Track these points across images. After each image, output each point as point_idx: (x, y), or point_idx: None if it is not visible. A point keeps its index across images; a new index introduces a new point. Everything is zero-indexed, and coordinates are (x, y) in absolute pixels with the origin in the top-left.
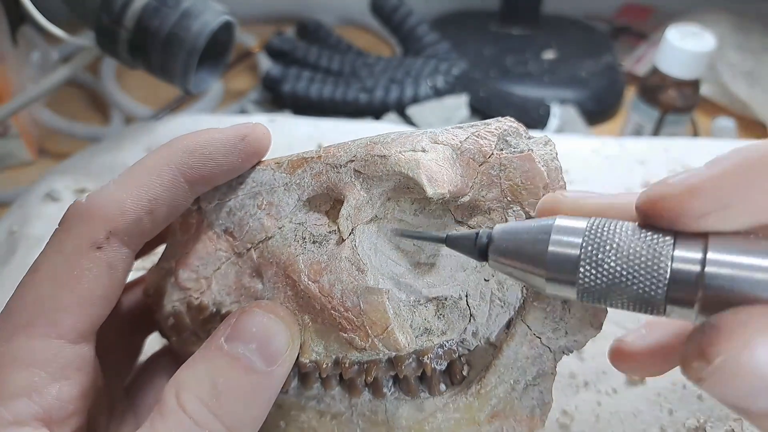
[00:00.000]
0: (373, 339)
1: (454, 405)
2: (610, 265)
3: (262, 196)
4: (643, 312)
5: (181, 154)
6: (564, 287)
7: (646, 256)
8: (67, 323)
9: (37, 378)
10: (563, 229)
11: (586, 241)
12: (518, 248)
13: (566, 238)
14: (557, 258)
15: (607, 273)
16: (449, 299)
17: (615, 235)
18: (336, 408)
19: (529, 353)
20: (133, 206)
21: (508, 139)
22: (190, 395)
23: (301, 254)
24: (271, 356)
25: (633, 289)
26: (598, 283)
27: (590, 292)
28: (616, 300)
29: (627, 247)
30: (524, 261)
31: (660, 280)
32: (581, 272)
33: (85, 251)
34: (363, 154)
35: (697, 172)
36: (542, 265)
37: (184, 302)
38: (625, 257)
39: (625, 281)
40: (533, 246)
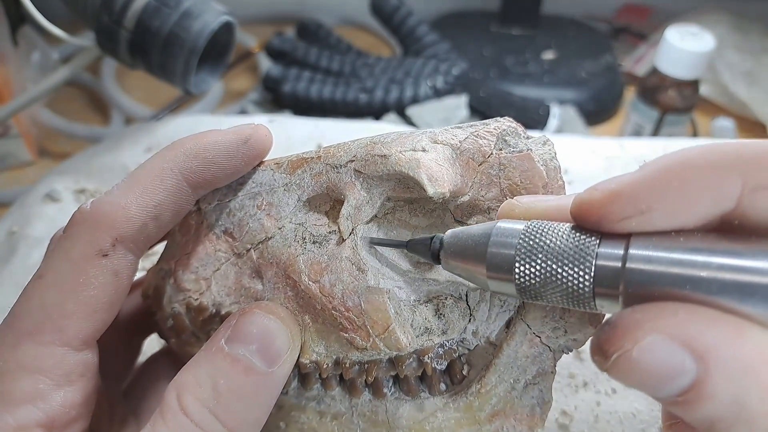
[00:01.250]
0: (374, 339)
1: (455, 404)
2: (540, 263)
3: (261, 197)
4: (576, 307)
5: (184, 158)
6: (504, 284)
7: (574, 255)
8: (72, 330)
9: (42, 385)
10: (503, 231)
11: (522, 241)
12: (463, 250)
13: (505, 239)
14: (495, 257)
15: (538, 270)
16: (449, 299)
17: (547, 235)
18: (336, 408)
19: (529, 352)
20: (139, 212)
21: (507, 139)
22: (192, 397)
23: (301, 254)
24: (272, 357)
25: (563, 285)
26: (532, 280)
27: (526, 289)
28: (549, 296)
29: (557, 247)
30: (468, 261)
31: (586, 276)
32: (516, 270)
33: (91, 259)
34: (363, 154)
35: (622, 178)
36: (483, 264)
37: (184, 303)
38: (554, 255)
39: (556, 278)
40: (476, 247)
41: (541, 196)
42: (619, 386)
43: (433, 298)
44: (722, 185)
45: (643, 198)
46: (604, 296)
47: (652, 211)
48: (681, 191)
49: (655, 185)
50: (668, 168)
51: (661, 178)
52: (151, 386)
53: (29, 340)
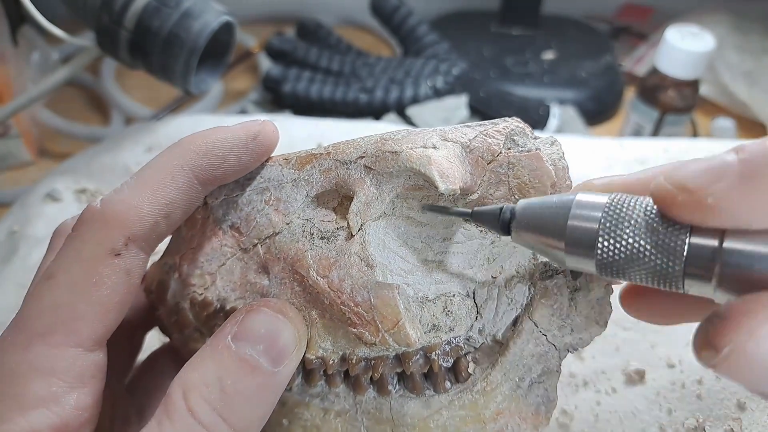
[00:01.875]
0: (383, 334)
1: (460, 402)
2: (627, 239)
3: (269, 192)
4: (661, 286)
5: (194, 156)
6: (583, 260)
7: (664, 232)
8: (85, 332)
9: (55, 387)
10: (584, 204)
11: (606, 215)
12: (539, 222)
13: (586, 212)
14: (576, 231)
15: (624, 247)
16: (457, 296)
17: (634, 210)
18: (340, 405)
19: (535, 351)
20: (151, 211)
21: (515, 139)
22: (199, 398)
23: (309, 250)
24: (278, 357)
25: (651, 263)
26: (616, 256)
27: (608, 265)
28: (634, 274)
29: (645, 223)
30: (545, 234)
31: (677, 254)
32: (599, 245)
33: (103, 258)
34: (373, 150)
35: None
36: (562, 239)
37: (188, 298)
38: (643, 232)
39: (643, 255)
40: (554, 220)
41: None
42: (619, 385)
43: (440, 295)
44: None
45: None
46: (695, 276)
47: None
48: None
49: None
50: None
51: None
52: (154, 382)
53: (41, 342)
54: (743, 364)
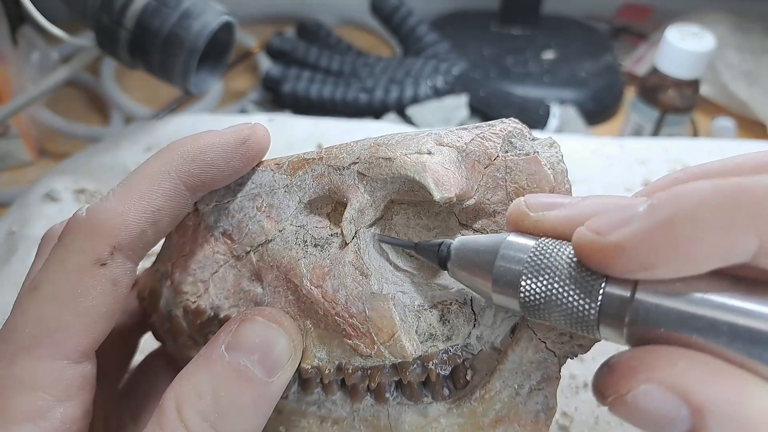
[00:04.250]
0: (379, 346)
1: (458, 410)
2: (547, 283)
3: (261, 198)
4: (579, 332)
5: (182, 161)
6: (508, 299)
7: (583, 279)
8: (71, 343)
9: (41, 402)
10: (512, 245)
11: (531, 258)
12: (472, 260)
13: (513, 253)
14: (502, 271)
15: (544, 290)
16: (454, 304)
17: (557, 256)
18: (337, 413)
19: (534, 358)
20: (137, 219)
21: (512, 141)
22: (192, 409)
23: (302, 258)
24: (273, 367)
25: (569, 309)
26: (537, 299)
27: (531, 306)
28: (553, 317)
29: (566, 269)
30: (475, 273)
31: (592, 302)
32: (522, 286)
33: (88, 268)
34: (367, 156)
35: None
36: (489, 278)
37: (181, 306)
38: (563, 278)
39: (562, 300)
40: (483, 259)
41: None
42: None
43: (437, 304)
44: (735, 244)
45: (647, 255)
46: (609, 326)
47: (656, 268)
48: (689, 250)
49: (660, 241)
50: (675, 220)
51: (666, 233)
52: (149, 386)
53: (26, 355)
54: (624, 412)
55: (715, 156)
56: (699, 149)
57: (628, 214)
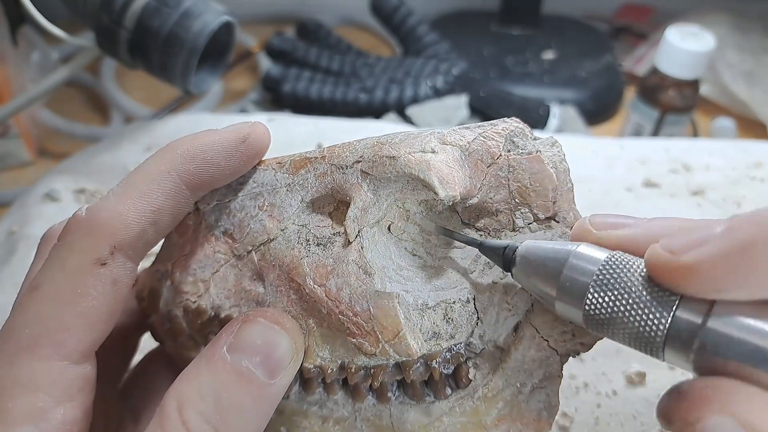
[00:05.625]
0: (383, 344)
1: (461, 409)
2: (615, 298)
3: (263, 197)
4: (642, 351)
5: (182, 161)
6: (571, 309)
7: (653, 299)
8: (71, 344)
9: (41, 403)
10: (583, 256)
11: (601, 271)
12: (538, 265)
13: (583, 264)
14: (569, 281)
15: (611, 304)
16: (457, 302)
17: (629, 272)
18: (339, 413)
19: (537, 356)
20: (137, 219)
21: (515, 140)
22: (193, 411)
23: (305, 257)
24: (275, 369)
25: (635, 327)
26: (602, 312)
27: (594, 320)
28: (617, 333)
29: (636, 285)
30: (540, 278)
31: (660, 325)
32: (588, 298)
33: (88, 268)
34: (370, 154)
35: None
36: (554, 285)
37: (181, 306)
38: (632, 294)
39: (629, 317)
40: (551, 265)
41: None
42: (619, 388)
43: (441, 302)
44: None
45: (723, 277)
46: (675, 350)
47: (731, 290)
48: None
49: (737, 263)
50: (753, 243)
51: (744, 257)
52: (149, 385)
53: (26, 356)
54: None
55: (715, 156)
56: (699, 149)
57: (704, 234)
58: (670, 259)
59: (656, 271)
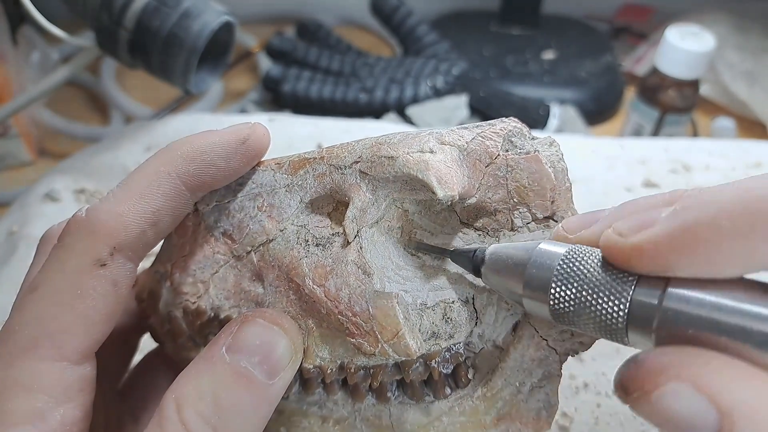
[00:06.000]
0: (382, 344)
1: (460, 408)
2: (575, 289)
3: (262, 198)
4: (608, 339)
5: (182, 162)
6: (539, 306)
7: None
8: (71, 345)
9: (41, 403)
10: (544, 252)
11: (561, 264)
12: (504, 267)
13: (545, 261)
14: (533, 278)
15: (572, 297)
16: (456, 302)
17: (586, 262)
18: (339, 413)
19: (536, 355)
20: (136, 220)
21: (513, 140)
22: (192, 411)
23: (304, 257)
24: (273, 369)
25: (597, 316)
26: (566, 306)
27: (560, 313)
28: (583, 323)
29: (594, 275)
30: (507, 278)
31: (620, 310)
32: (551, 293)
33: (88, 269)
34: (369, 155)
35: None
36: (520, 284)
37: (181, 307)
38: (590, 284)
39: (590, 305)
40: (515, 266)
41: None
42: None
43: (440, 302)
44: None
45: (667, 258)
46: (638, 332)
47: (676, 270)
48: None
49: (679, 247)
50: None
51: (686, 237)
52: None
53: (26, 357)
54: (649, 411)
55: (715, 156)
56: (699, 149)
57: (651, 217)
58: (619, 241)
59: (610, 253)
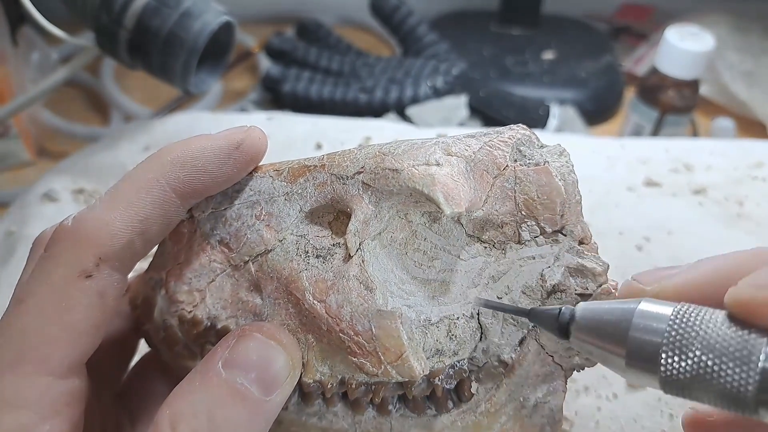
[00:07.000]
0: (386, 366)
1: (463, 423)
2: (695, 354)
3: (260, 206)
4: (733, 410)
5: (171, 168)
6: (645, 375)
7: (736, 349)
8: (57, 358)
9: (26, 419)
10: (647, 314)
11: (671, 327)
12: (599, 329)
13: (650, 323)
14: (638, 343)
15: (691, 363)
16: (461, 318)
17: (702, 323)
18: (339, 425)
19: (541, 371)
20: (124, 229)
21: (521, 149)
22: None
23: (304, 270)
24: (270, 385)
25: (720, 384)
26: (682, 373)
27: (673, 382)
28: (701, 394)
29: (715, 338)
30: (605, 342)
31: (750, 376)
32: (663, 360)
33: (73, 281)
34: (372, 165)
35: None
36: (623, 349)
37: (176, 315)
38: (712, 348)
39: (711, 374)
40: (615, 328)
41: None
42: (620, 391)
43: (444, 318)
44: None
45: None
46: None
47: None
48: None
49: None
50: None
51: None
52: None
53: (10, 372)
54: None
55: (715, 156)
56: (700, 149)
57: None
58: (755, 293)
59: (743, 309)
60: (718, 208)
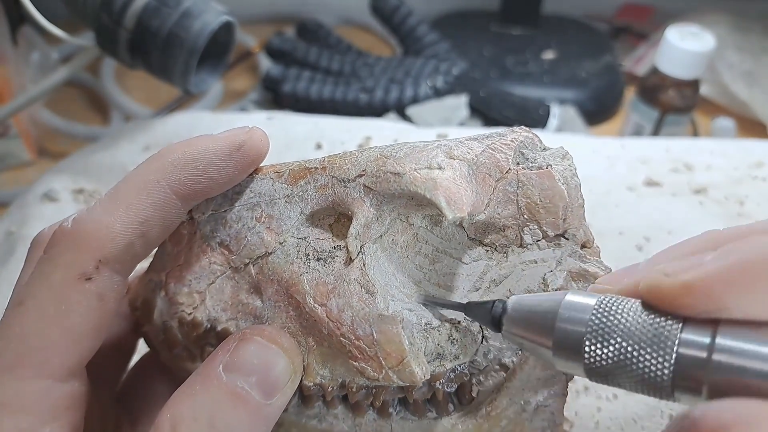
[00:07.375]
0: (387, 371)
1: (463, 426)
2: (615, 342)
3: (261, 208)
4: (652, 395)
5: (172, 169)
6: (571, 363)
7: (654, 335)
8: (56, 361)
9: (25, 424)
10: (573, 305)
11: (594, 317)
12: (528, 321)
13: (575, 314)
14: (564, 333)
15: (612, 351)
16: (462, 322)
17: (622, 313)
18: (339, 427)
19: (542, 375)
20: (124, 231)
21: (524, 152)
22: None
23: (305, 273)
24: (271, 389)
25: (639, 370)
26: (604, 361)
27: (596, 369)
28: (622, 380)
29: (633, 327)
30: (533, 334)
31: (666, 363)
32: (586, 349)
33: (73, 283)
34: (373, 169)
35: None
36: (550, 340)
37: (176, 317)
38: (630, 337)
39: (631, 361)
40: (542, 320)
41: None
42: (620, 391)
43: (445, 322)
44: None
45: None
46: (685, 388)
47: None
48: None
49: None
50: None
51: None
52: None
53: (10, 375)
54: None
55: (716, 156)
56: (700, 149)
57: (698, 258)
58: (665, 280)
59: (655, 296)
60: (719, 208)
